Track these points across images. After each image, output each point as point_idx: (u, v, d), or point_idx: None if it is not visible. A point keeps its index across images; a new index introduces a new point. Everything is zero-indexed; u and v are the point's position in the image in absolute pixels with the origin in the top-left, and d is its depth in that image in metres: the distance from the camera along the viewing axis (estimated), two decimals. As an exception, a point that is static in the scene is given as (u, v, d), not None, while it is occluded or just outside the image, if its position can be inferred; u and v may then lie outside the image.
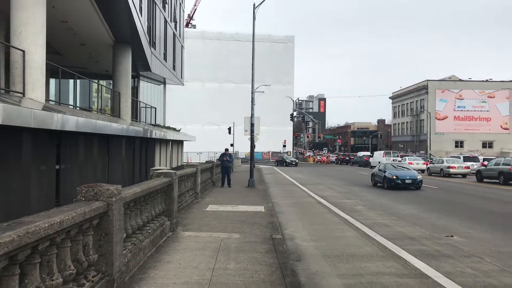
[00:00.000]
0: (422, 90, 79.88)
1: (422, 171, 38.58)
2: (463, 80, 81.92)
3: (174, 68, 35.12)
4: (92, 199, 5.01)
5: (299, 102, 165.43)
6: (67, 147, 13.45)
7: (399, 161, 44.79)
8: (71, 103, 21.31)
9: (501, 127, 78.29)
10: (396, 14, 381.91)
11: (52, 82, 23.88)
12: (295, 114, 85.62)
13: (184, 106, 69.04)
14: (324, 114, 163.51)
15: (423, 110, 78.97)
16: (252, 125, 24.00)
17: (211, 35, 78.71)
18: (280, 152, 74.01)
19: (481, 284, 6.58)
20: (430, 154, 67.15)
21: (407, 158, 46.42)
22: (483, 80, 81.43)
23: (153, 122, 30.90)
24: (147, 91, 33.23)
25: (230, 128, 58.66)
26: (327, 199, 17.87)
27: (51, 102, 18.81)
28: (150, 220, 8.03)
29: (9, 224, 3.29)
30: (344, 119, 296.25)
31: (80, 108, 20.91)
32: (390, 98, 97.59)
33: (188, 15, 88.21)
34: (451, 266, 7.53)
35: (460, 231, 10.93)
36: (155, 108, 32.19)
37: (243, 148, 61.11)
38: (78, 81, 22.56)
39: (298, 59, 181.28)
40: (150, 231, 7.63)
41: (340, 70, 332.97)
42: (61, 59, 22.39)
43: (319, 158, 77.67)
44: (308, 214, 14.09)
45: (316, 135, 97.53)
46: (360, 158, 61.01)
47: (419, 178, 23.12)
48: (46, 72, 13.48)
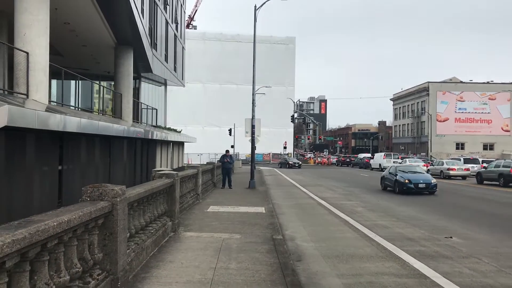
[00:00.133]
0: (423, 92, 79.94)
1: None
2: (464, 82, 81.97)
3: (175, 69, 35.24)
4: (97, 199, 5.12)
5: (300, 103, 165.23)
6: (70, 148, 13.56)
7: (399, 163, 44.85)
8: (73, 104, 21.45)
9: (502, 129, 78.32)
10: (396, 15, 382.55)
11: (54, 83, 24.00)
12: (295, 115, 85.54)
13: (185, 107, 68.92)
14: (325, 115, 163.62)
15: (424, 112, 79.02)
16: (253, 126, 24.12)
17: (212, 36, 78.52)
18: (281, 154, 74.06)
19: (478, 284, 6.68)
20: (431, 156, 67.18)
21: (407, 160, 46.52)
22: (484, 82, 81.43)
23: (154, 123, 31.02)
24: (148, 92, 33.34)
25: (230, 130, 58.73)
26: (328, 201, 17.97)
27: (53, 103, 18.92)
28: (153, 220, 8.14)
29: (19, 223, 3.41)
30: (345, 120, 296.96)
31: (82, 109, 21.04)
32: (391, 99, 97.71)
33: (189, 16, 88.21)
34: (449, 267, 7.64)
35: (459, 232, 11.03)
36: (156, 109, 32.30)
37: (243, 149, 61.14)
38: (79, 82, 22.71)
39: (299, 60, 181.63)
40: (152, 231, 7.74)
41: (341, 71, 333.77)
42: (63, 60, 22.51)
43: (319, 160, 77.78)
44: (309, 215, 14.20)
45: (317, 136, 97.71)
46: (360, 160, 61.07)
47: (433, 182, 21.26)
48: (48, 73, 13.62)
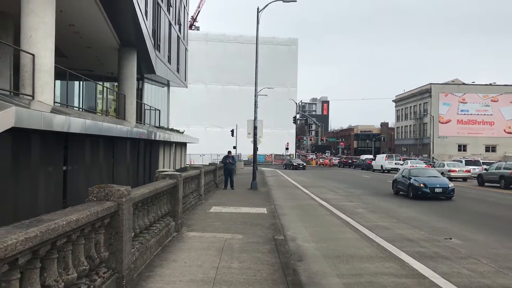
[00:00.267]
0: (425, 93, 79.93)
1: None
2: (466, 84, 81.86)
3: (178, 70, 35.42)
4: (104, 199, 5.26)
5: (302, 104, 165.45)
6: (74, 148, 13.74)
7: (401, 164, 44.92)
8: (77, 104, 21.61)
9: (504, 131, 78.19)
10: (398, 16, 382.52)
11: (58, 83, 24.19)
12: (298, 116, 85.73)
13: (187, 108, 69.18)
14: (327, 117, 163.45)
15: (426, 113, 78.98)
16: (255, 128, 24.27)
17: (215, 37, 78.66)
18: (283, 155, 74.20)
19: (476, 284, 6.79)
20: (433, 158, 67.16)
21: (409, 161, 46.59)
22: (486, 84, 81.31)
23: (157, 124, 31.21)
24: (151, 93, 33.53)
25: (233, 131, 58.87)
26: (329, 202, 18.08)
27: (57, 104, 19.10)
28: (157, 220, 8.29)
29: (31, 221, 3.55)
30: (347, 122, 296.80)
31: (85, 110, 21.21)
32: (393, 101, 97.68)
33: (192, 17, 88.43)
34: (448, 267, 7.75)
35: (459, 233, 11.13)
36: (159, 110, 32.49)
37: (245, 150, 61.26)
38: (83, 83, 22.87)
39: (302, 62, 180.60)
40: (156, 231, 7.88)
41: (344, 73, 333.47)
42: (67, 61, 22.72)
43: (321, 161, 77.87)
44: (310, 216, 14.32)
45: (319, 138, 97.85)
46: (362, 161, 61.10)
47: (450, 186, 19.74)
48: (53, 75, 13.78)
